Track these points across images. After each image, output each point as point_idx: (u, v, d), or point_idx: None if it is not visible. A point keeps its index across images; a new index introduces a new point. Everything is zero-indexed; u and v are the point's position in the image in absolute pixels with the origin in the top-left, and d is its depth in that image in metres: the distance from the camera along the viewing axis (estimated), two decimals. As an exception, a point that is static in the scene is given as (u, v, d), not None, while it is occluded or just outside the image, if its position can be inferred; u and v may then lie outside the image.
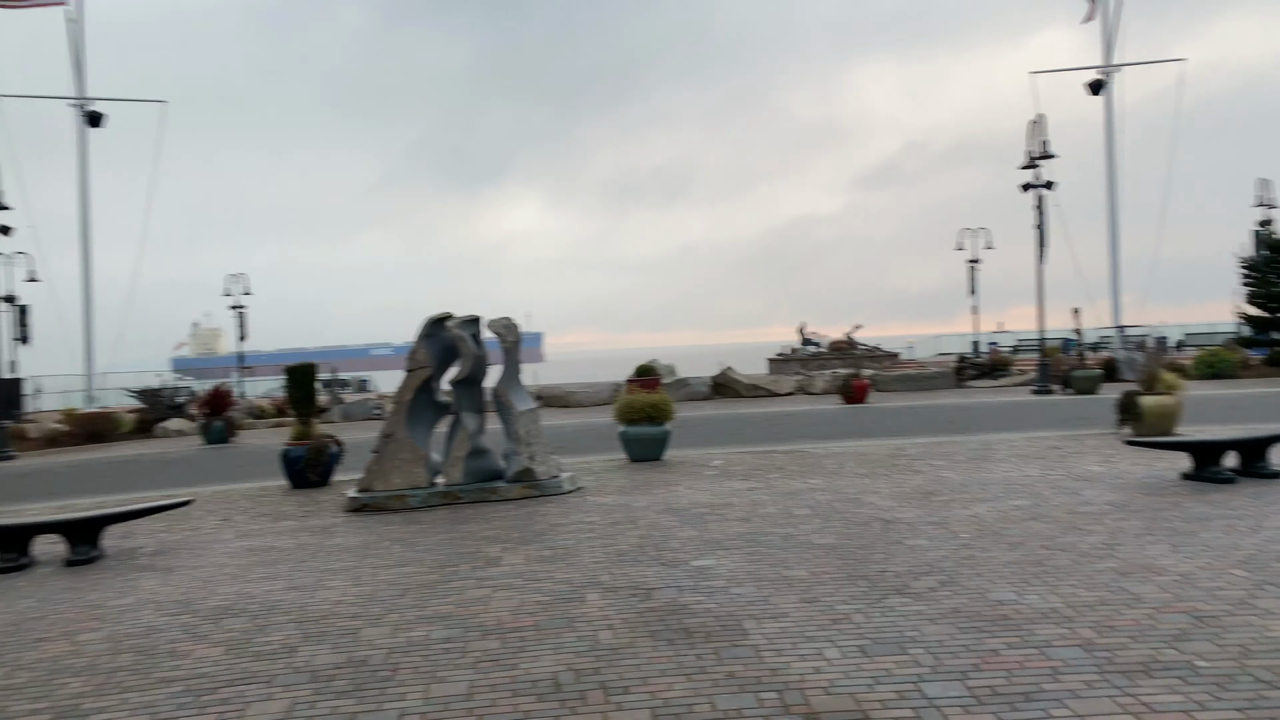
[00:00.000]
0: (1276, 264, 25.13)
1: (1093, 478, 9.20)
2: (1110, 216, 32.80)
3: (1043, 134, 23.06)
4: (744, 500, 9.01)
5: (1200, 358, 25.58)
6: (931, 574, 5.92)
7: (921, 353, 51.08)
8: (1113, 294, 32.80)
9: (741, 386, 26.16)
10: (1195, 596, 5.10)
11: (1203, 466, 8.62)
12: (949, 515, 7.76)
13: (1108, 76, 31.29)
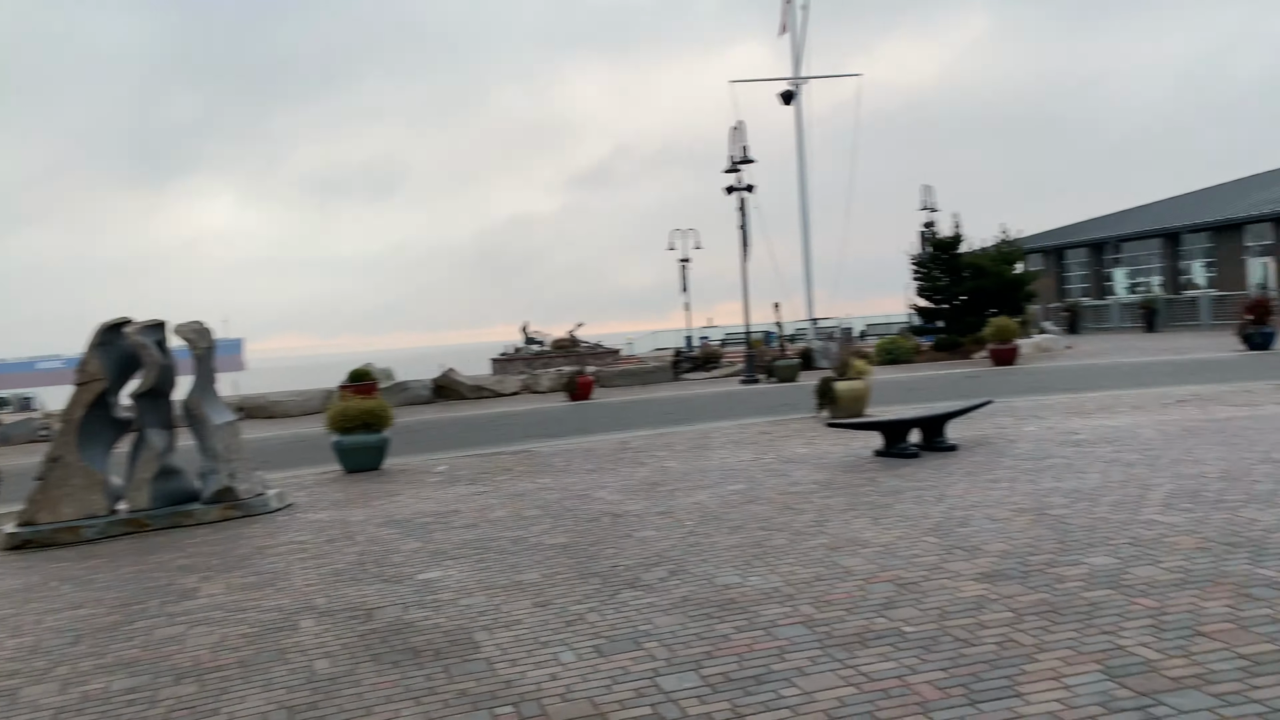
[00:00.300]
0: (940, 261, 28.36)
1: (800, 459, 9.80)
2: (803, 218, 35.66)
3: (743, 140, 24.53)
4: (471, 506, 8.72)
5: (880, 345, 28.35)
6: (661, 564, 5.96)
7: (640, 348, 52.84)
8: (806, 289, 35.69)
9: (465, 388, 25.69)
10: (897, 565, 5.47)
11: (892, 444, 9.43)
12: (674, 504, 7.92)
13: (797, 87, 33.96)
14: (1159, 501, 6.48)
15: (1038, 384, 17.02)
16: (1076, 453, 8.74)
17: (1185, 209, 40.27)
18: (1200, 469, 7.49)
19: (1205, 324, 33.07)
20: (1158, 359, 21.07)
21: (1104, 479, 7.42)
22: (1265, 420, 9.79)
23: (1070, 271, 45.08)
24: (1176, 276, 38.63)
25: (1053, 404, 13.07)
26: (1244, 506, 6.12)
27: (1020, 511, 6.55)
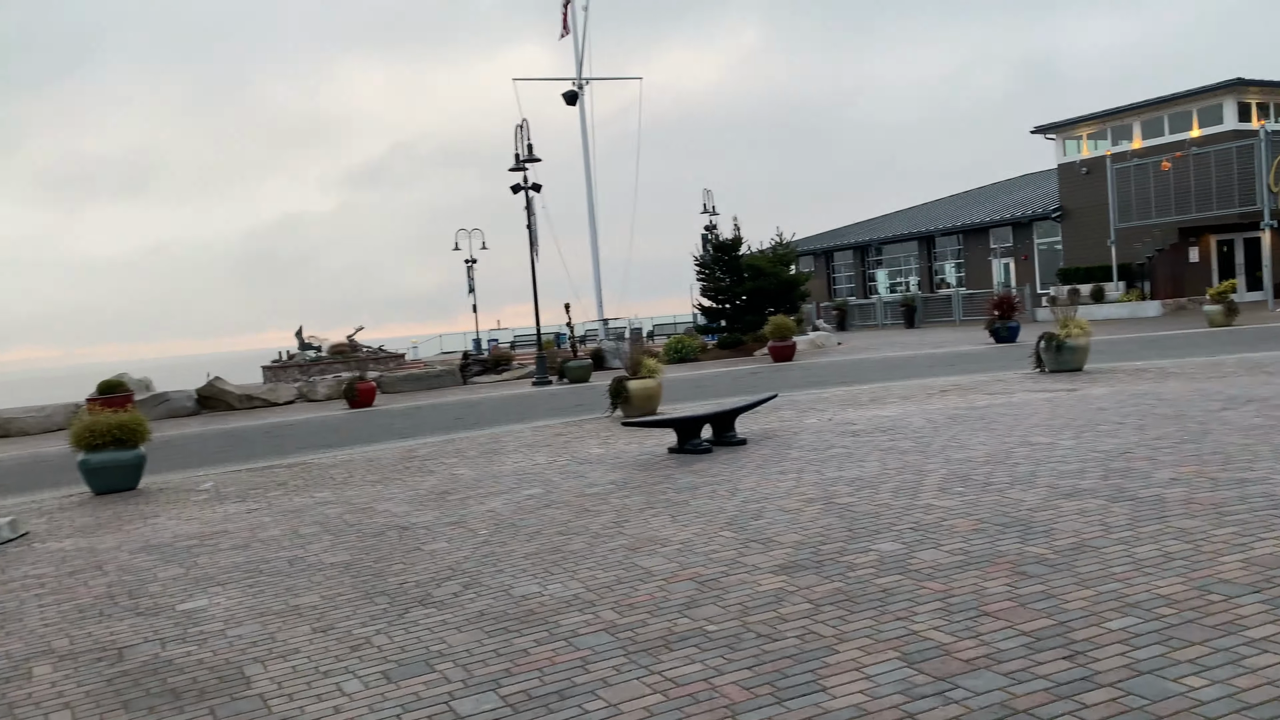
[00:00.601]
0: (722, 262, 29.32)
1: (596, 460, 9.68)
2: (590, 219, 35.86)
3: (528, 137, 24.29)
4: (241, 525, 7.99)
5: (668, 344, 28.95)
6: (454, 578, 5.63)
7: (426, 352, 51.47)
8: (596, 290, 35.91)
9: (234, 398, 23.93)
10: (696, 562, 5.42)
11: (686, 440, 9.50)
12: (466, 513, 7.57)
13: (580, 88, 34.12)
14: (934, 486, 6.82)
15: (815, 378, 17.84)
16: (855, 442, 9.13)
17: (938, 214, 43.82)
18: (967, 454, 7.98)
19: (958, 319, 36.09)
20: (919, 353, 22.67)
21: (883, 466, 7.75)
22: (1018, 407, 10.63)
23: (838, 272, 47.96)
24: (932, 276, 41.94)
25: (830, 397, 13.69)
26: (1010, 488, 6.53)
27: (809, 501, 6.70)
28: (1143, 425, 8.59)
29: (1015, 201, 39.38)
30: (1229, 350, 16.18)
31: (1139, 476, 6.49)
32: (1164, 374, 12.79)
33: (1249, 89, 29.63)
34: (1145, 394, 10.74)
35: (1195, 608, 3.92)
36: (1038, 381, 13.23)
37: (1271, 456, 6.73)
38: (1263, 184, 26.60)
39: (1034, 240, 36.67)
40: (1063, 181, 34.88)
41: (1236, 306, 22.98)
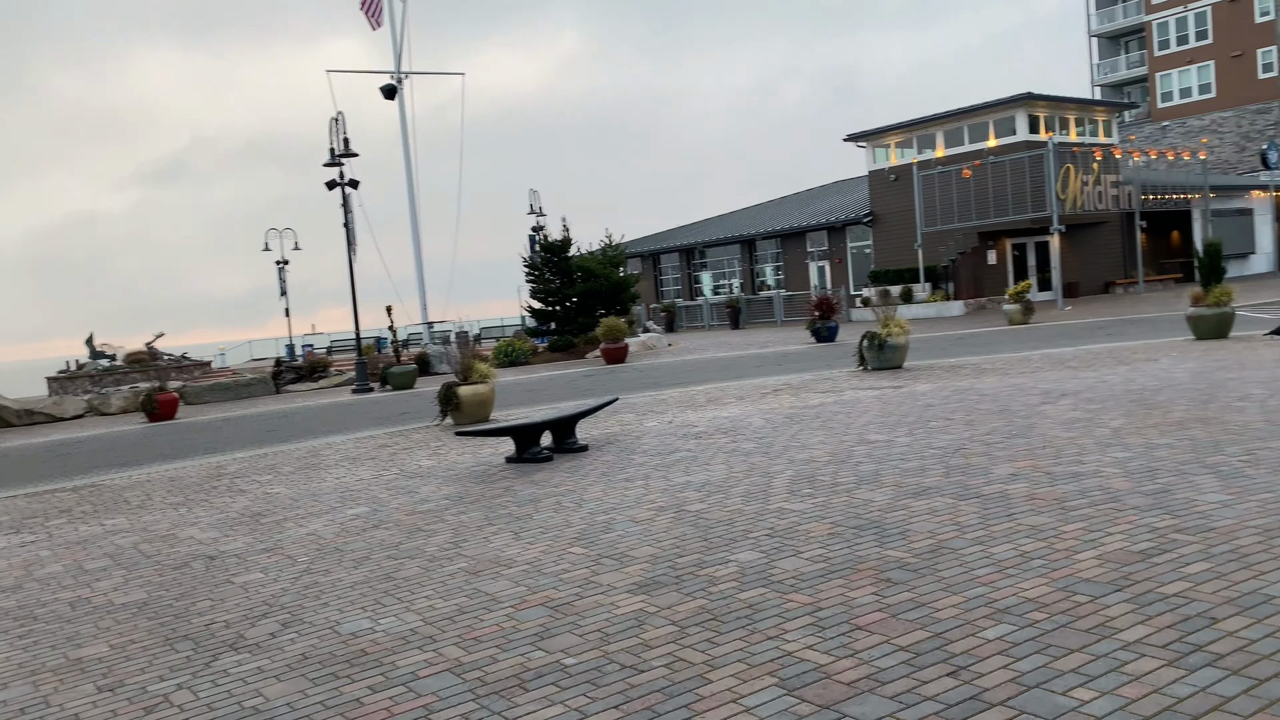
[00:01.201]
0: (552, 264, 28.89)
1: (427, 473, 9.07)
2: (412, 218, 34.57)
3: (344, 131, 23.05)
4: (13, 561, 6.92)
5: (497, 348, 28.25)
6: (271, 615, 4.97)
7: (234, 359, 48.39)
8: (420, 292, 34.66)
9: (11, 414, 21.48)
10: (546, 585, 5.00)
11: (524, 449, 9.03)
12: (284, 538, 6.83)
13: (399, 82, 32.83)
14: (784, 489, 6.67)
15: (650, 380, 17.73)
16: (699, 445, 8.94)
17: (758, 218, 45.05)
18: (810, 454, 7.92)
19: (779, 320, 37.16)
20: (747, 353, 23.04)
21: (729, 470, 7.57)
22: (850, 405, 10.77)
23: (665, 274, 48.51)
24: (754, 278, 43.05)
25: (667, 398, 13.54)
26: (857, 488, 6.46)
27: (660, 510, 6.41)
28: (971, 421, 8.82)
29: (830, 207, 40.99)
30: (1031, 346, 17.19)
31: (979, 472, 6.56)
32: (979, 370, 13.38)
33: (1038, 103, 31.97)
34: (967, 390, 11.13)
35: (1065, 611, 3.85)
36: (863, 379, 13.56)
37: (1097, 449, 6.98)
38: (1052, 191, 28.71)
39: (847, 244, 38.26)
40: (873, 188, 36.55)
41: (1032, 305, 24.61)
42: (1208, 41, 57.12)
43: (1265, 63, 55.06)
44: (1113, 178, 31.16)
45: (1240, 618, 3.58)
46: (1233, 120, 56.09)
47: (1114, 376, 11.11)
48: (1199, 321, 15.40)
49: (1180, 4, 58.28)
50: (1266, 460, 6.10)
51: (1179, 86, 58.58)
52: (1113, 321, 22.13)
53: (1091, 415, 8.47)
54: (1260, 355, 11.96)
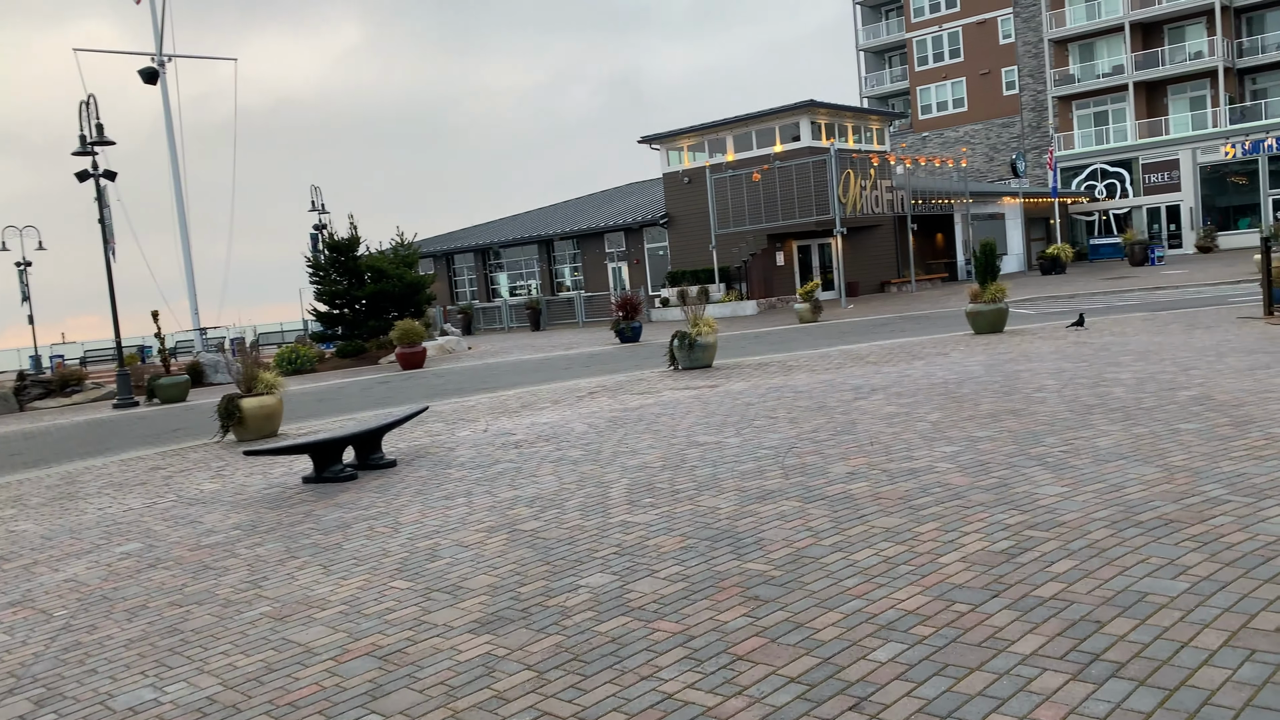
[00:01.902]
0: (339, 264, 27.26)
1: (210, 498, 8.01)
2: (179, 214, 31.73)
3: (95, 116, 20.65)
4: None
5: (280, 355, 26.32)
6: (20, 691, 4.03)
7: (-32, 374, 42.85)
8: (190, 295, 31.83)
9: None
10: (370, 629, 4.33)
11: (324, 467, 8.15)
12: (34, 587, 5.72)
13: (161, 66, 29.98)
14: (622, 499, 6.26)
15: (453, 385, 16.92)
16: (520, 455, 8.39)
17: (555, 218, 44.73)
18: (642, 459, 7.56)
19: (581, 321, 36.97)
20: (552, 354, 22.60)
21: (560, 481, 7.08)
22: (671, 406, 10.54)
23: (460, 275, 47.26)
24: (552, 279, 42.68)
25: (476, 405, 12.86)
26: (699, 495, 6.14)
27: (491, 531, 5.83)
28: (794, 418, 8.77)
29: (627, 208, 41.26)
30: (827, 343, 17.76)
31: (817, 472, 6.42)
32: (786, 367, 13.56)
33: (819, 111, 33.46)
34: (781, 387, 11.18)
35: (950, 623, 3.64)
36: (678, 379, 13.43)
37: (923, 444, 7.02)
38: (834, 196, 30.09)
39: (645, 245, 38.63)
40: (668, 190, 37.07)
41: (821, 304, 25.64)
42: (960, 60, 62.12)
43: (1009, 80, 60.55)
44: (887, 183, 33.09)
45: (1124, 619, 3.48)
46: (982, 132, 61.35)
47: (914, 370, 11.50)
48: (977, 317, 16.38)
49: (936, 24, 63.05)
50: (1084, 450, 6.29)
51: (936, 100, 63.40)
52: (894, 318, 23.36)
53: (907, 409, 8.61)
54: (1039, 348, 12.76)
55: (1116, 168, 51.00)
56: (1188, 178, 48.92)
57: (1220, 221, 48.20)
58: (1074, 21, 52.67)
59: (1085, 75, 53.00)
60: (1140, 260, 39.44)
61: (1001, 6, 59.81)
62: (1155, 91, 51.40)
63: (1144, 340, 12.41)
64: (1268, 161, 46.87)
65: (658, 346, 21.79)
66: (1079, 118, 53.59)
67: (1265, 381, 8.28)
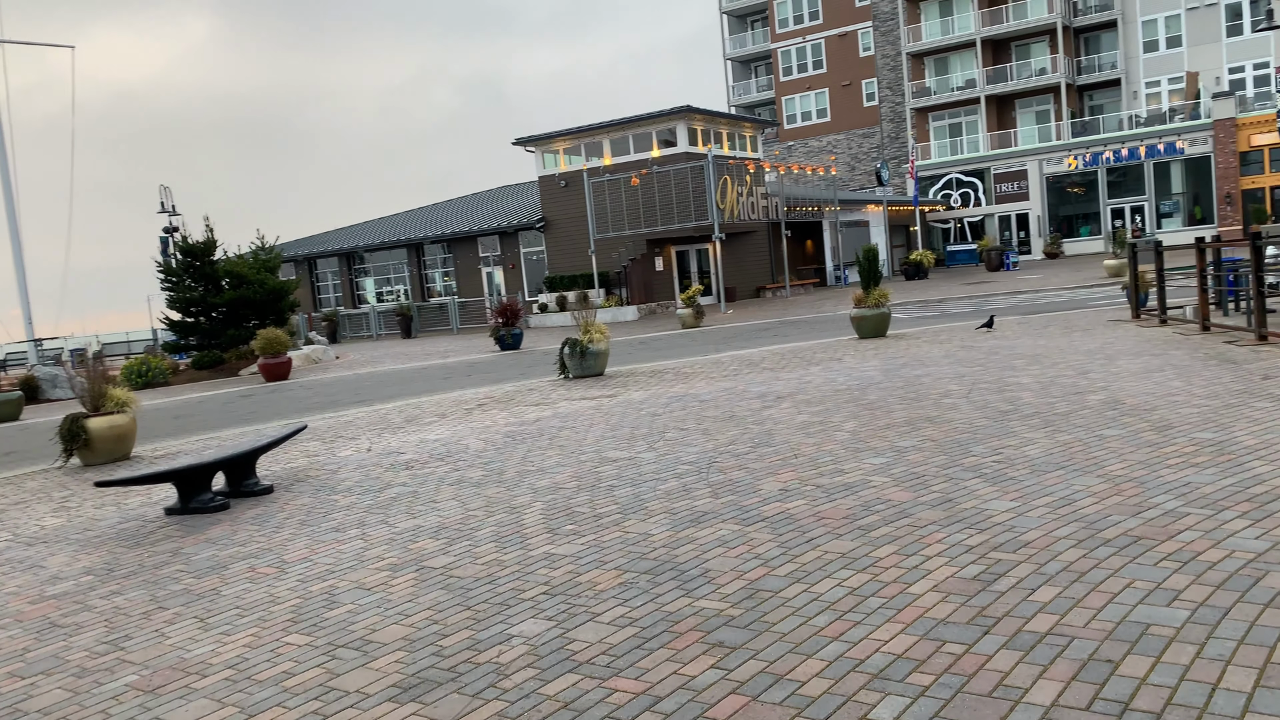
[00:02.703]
0: (194, 269, 25.43)
1: (54, 536, 6.99)
2: (9, 215, 28.97)
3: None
4: None
5: (129, 367, 24.33)
6: None
7: None
8: (23, 303, 29.10)
9: None
10: (265, 701, 3.64)
11: (191, 496, 7.24)
12: None
13: (-10, 55, 27.31)
14: (540, 527, 5.69)
15: (326, 398, 15.86)
16: (414, 477, 7.69)
17: (426, 221, 43.34)
18: (552, 479, 7.00)
19: (456, 328, 35.85)
20: (429, 363, 21.65)
21: (464, 507, 6.45)
22: (572, 418, 10.00)
23: (324, 280, 45.24)
24: (423, 284, 41.32)
25: (354, 420, 11.98)
26: (625, 519, 5.64)
27: (395, 569, 5.17)
28: (706, 430, 8.38)
29: (501, 211, 40.34)
30: (715, 349, 17.56)
31: (747, 490, 6.02)
32: (682, 374, 13.21)
33: (695, 116, 33.49)
34: (684, 396, 10.80)
35: (948, 669, 3.26)
36: (571, 389, 12.89)
37: (849, 455, 6.73)
38: (713, 201, 30.13)
39: (520, 249, 37.82)
40: (544, 193, 36.41)
41: (703, 309, 25.54)
42: (823, 71, 63.81)
43: (869, 92, 62.57)
44: (762, 190, 33.41)
45: (1137, 657, 3.18)
46: (845, 142, 63.21)
47: (814, 376, 11.32)
48: (862, 322, 16.48)
49: (800, 35, 64.57)
50: (1017, 460, 6.11)
51: (801, 110, 64.93)
52: (775, 323, 23.46)
53: (820, 418, 8.35)
54: (929, 352, 12.83)
55: (970, 177, 53.31)
56: (1035, 187, 51.58)
57: (1064, 229, 51.03)
58: (929, 36, 54.82)
59: (940, 88, 55.26)
60: (996, 266, 41.23)
61: (861, 20, 61.78)
62: (1005, 105, 54.05)
63: (1028, 343, 12.64)
64: (1106, 173, 49.89)
65: (541, 354, 21.18)
66: (935, 129, 55.81)
67: (1165, 384, 8.40)
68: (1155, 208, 48.79)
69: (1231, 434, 6.21)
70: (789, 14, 64.63)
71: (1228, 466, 5.41)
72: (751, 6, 67.83)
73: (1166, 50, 50.13)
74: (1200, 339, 11.44)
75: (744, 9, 68.40)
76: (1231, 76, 48.77)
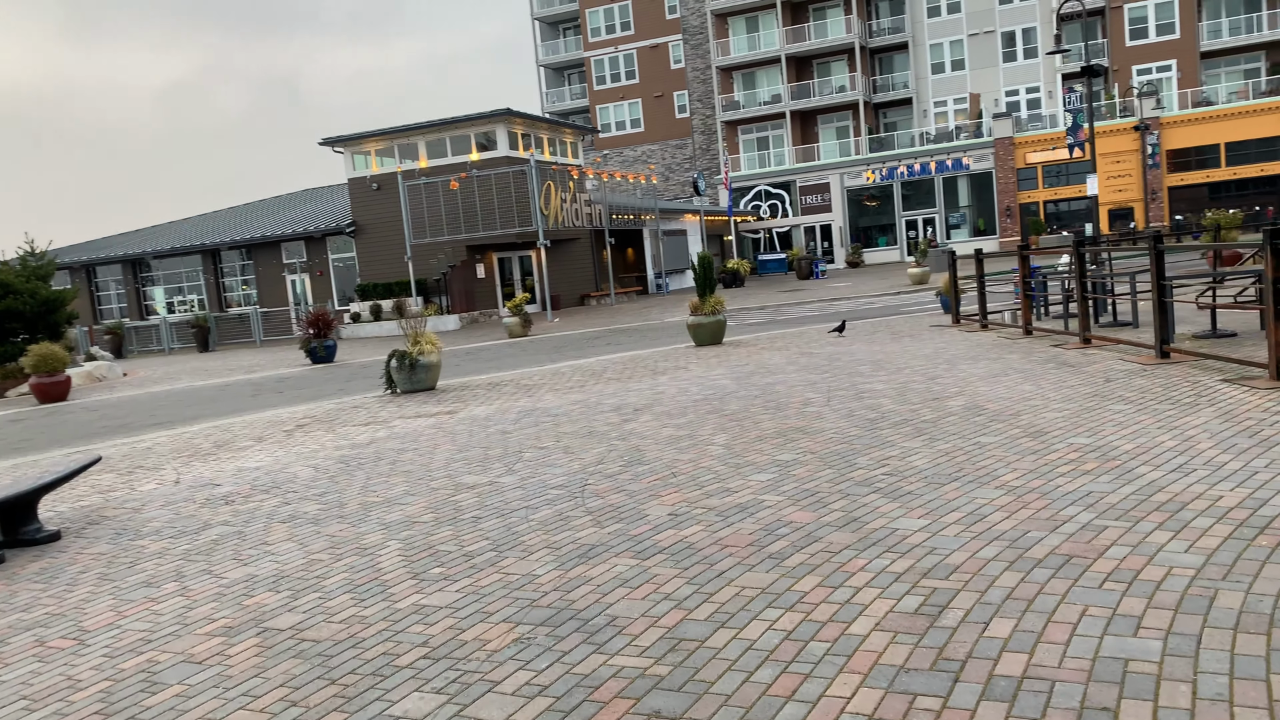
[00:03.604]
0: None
1: None
2: None
3: None
4: None
5: None
6: None
7: None
8: None
9: None
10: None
11: (-47, 550, 5.95)
12: None
13: None
14: (402, 572, 4.93)
15: (115, 422, 14.10)
16: (238, 514, 6.68)
17: (223, 225, 40.31)
18: (404, 512, 6.21)
19: (260, 340, 33.41)
20: (233, 379, 19.88)
21: (304, 549, 5.57)
22: (411, 439, 9.15)
23: (106, 290, 41.24)
24: (220, 293, 38.36)
25: (154, 446, 10.57)
26: (502, 558, 4.97)
27: (230, 633, 4.29)
28: (567, 447, 7.79)
29: (307, 214, 38.04)
30: (550, 359, 16.97)
31: (633, 516, 5.49)
32: (524, 387, 12.54)
33: (516, 120, 32.76)
34: (533, 410, 10.14)
35: (935, 729, 2.83)
36: (403, 405, 11.94)
37: (731, 472, 6.32)
38: (537, 207, 29.49)
39: (329, 255, 35.78)
40: (354, 196, 34.60)
41: (531, 318, 24.88)
42: (636, 81, 64.47)
43: (681, 104, 63.78)
44: (585, 196, 33.08)
45: (1134, 703, 2.87)
46: (659, 152, 64.13)
47: (665, 386, 10.95)
48: (699, 329, 16.33)
49: (612, 45, 65.02)
50: (906, 472, 5.89)
51: (615, 119, 65.34)
52: (606, 331, 23.13)
53: (687, 432, 7.94)
54: (772, 359, 12.76)
55: (778, 189, 55.23)
56: (837, 200, 54.02)
57: (864, 240, 53.72)
58: (737, 51, 56.41)
59: (749, 102, 56.97)
60: (806, 274, 42.79)
61: (672, 33, 62.88)
62: (809, 120, 56.37)
63: (864, 349, 12.80)
64: (901, 187, 52.91)
65: (359, 367, 19.89)
66: (744, 141, 57.51)
67: (1016, 389, 8.53)
68: (945, 219, 52.15)
69: (1105, 438, 6.25)
70: (600, 23, 64.93)
71: (1118, 473, 5.37)
72: (564, 14, 67.72)
73: (952, 72, 53.78)
74: (1027, 343, 11.90)
75: (556, 16, 68.20)
76: (1008, 99, 52.92)
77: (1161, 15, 49.82)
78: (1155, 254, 9.04)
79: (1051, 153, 49.15)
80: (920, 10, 53.45)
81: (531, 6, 68.61)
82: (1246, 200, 45.56)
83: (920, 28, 53.82)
